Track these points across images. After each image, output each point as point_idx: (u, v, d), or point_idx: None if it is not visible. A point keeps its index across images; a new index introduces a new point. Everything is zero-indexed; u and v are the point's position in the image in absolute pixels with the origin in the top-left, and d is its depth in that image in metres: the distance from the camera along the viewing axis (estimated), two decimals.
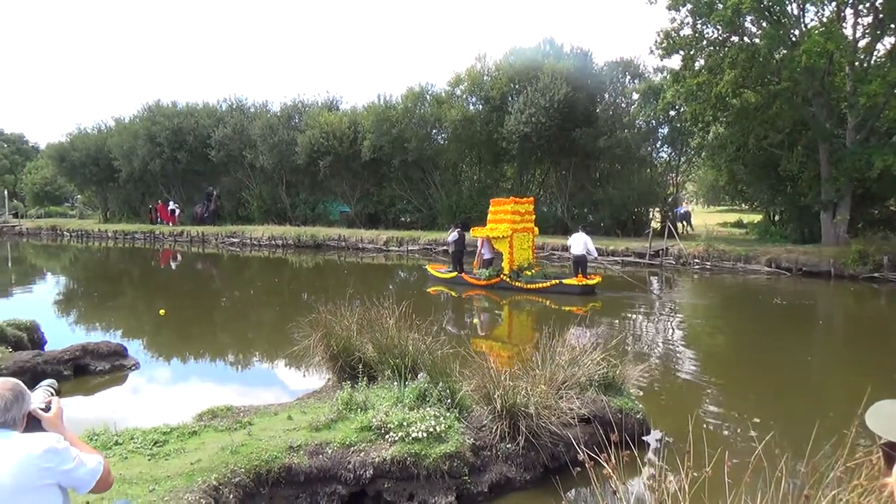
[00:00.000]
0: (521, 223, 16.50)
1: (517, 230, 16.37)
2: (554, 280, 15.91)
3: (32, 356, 8.40)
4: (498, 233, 16.31)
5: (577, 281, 15.50)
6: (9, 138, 76.13)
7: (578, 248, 15.89)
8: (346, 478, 4.75)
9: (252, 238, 32.24)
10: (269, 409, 6.07)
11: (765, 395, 7.97)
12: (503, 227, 16.24)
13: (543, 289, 15.72)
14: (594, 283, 15.75)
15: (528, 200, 17.47)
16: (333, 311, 7.20)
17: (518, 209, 16.46)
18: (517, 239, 16.36)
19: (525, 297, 15.73)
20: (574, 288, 15.40)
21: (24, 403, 2.53)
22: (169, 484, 4.36)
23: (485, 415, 5.24)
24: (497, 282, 16.43)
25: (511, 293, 16.03)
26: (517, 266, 16.30)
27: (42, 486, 2.38)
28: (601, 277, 16.48)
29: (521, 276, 16.14)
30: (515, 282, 16.08)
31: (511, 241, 16.16)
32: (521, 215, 16.50)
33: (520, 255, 16.51)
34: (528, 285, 15.90)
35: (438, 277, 17.80)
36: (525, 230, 16.75)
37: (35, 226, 44.97)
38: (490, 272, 16.63)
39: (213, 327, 13.65)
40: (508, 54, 31.12)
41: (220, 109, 39.55)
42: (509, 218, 16.17)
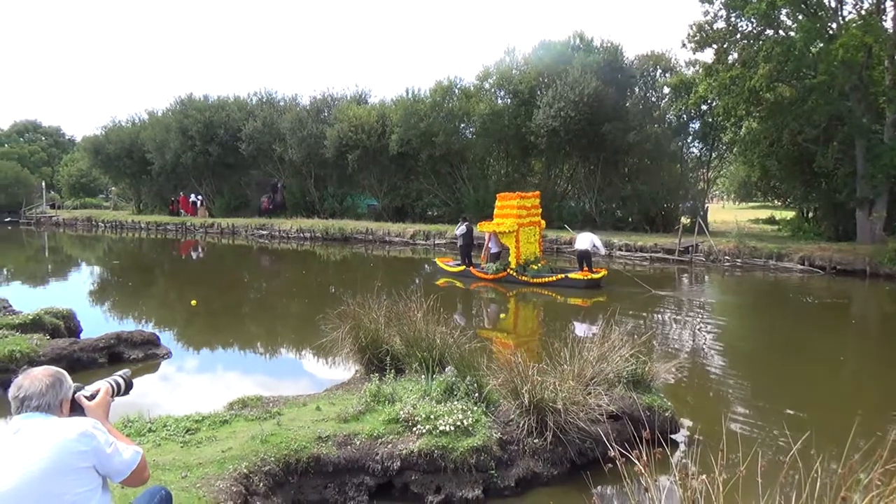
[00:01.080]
0: (527, 217, 16.60)
1: (523, 224, 16.45)
2: (560, 274, 16.00)
3: (69, 344, 8.61)
4: (504, 227, 16.39)
5: (582, 275, 15.60)
6: (46, 131, 78.01)
7: (583, 244, 16.07)
8: (373, 469, 4.79)
9: (281, 230, 32.58)
10: (298, 400, 6.14)
11: (797, 394, 7.83)
12: (509, 221, 16.34)
13: (549, 282, 15.84)
14: (599, 277, 15.79)
15: (535, 195, 17.52)
16: (362, 303, 7.25)
17: (524, 203, 16.54)
18: (523, 233, 16.47)
19: (532, 291, 15.82)
20: (580, 282, 15.50)
21: (61, 390, 2.60)
22: (201, 471, 4.44)
23: (512, 409, 5.24)
24: (504, 276, 16.54)
25: (518, 287, 16.13)
26: (524, 260, 16.42)
27: (79, 469, 2.44)
28: (606, 271, 16.57)
29: (527, 270, 16.23)
30: (522, 276, 16.17)
31: (517, 236, 16.26)
32: (527, 209, 16.60)
33: (526, 249, 16.59)
34: (535, 279, 16.01)
35: (447, 270, 17.98)
36: (532, 224, 16.84)
37: (71, 217, 45.99)
38: (497, 266, 16.74)
39: (242, 318, 13.84)
40: (537, 48, 30.90)
41: (251, 103, 39.97)
42: (515, 213, 16.26)
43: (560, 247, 24.70)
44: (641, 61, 29.32)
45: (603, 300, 14.63)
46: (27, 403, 2.51)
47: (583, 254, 16.04)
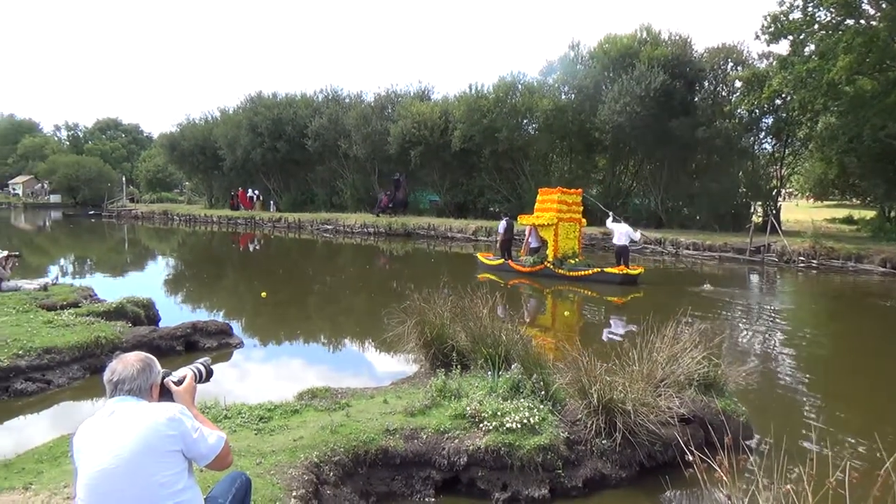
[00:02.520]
0: (567, 213, 16.84)
1: (563, 219, 16.71)
2: (596, 268, 16.14)
3: (149, 331, 9.03)
4: (543, 220, 16.75)
5: (617, 270, 15.71)
6: (126, 128, 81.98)
7: (621, 239, 16.24)
8: (440, 463, 4.83)
9: (345, 225, 33.19)
10: (365, 392, 6.25)
11: (878, 404, 7.45)
12: (548, 215, 16.68)
13: (585, 277, 16.01)
14: (636, 273, 15.85)
15: (577, 191, 17.72)
16: (427, 298, 7.30)
17: (565, 199, 16.82)
18: (563, 228, 16.72)
19: (567, 286, 15.98)
20: (615, 277, 15.62)
21: (151, 375, 2.72)
22: (274, 458, 4.58)
23: (579, 409, 5.17)
24: (541, 269, 16.77)
25: (554, 281, 16.34)
26: (561, 254, 16.60)
27: (167, 452, 2.56)
28: (644, 269, 16.58)
29: (564, 264, 16.42)
30: (559, 269, 16.38)
31: (556, 230, 16.53)
32: (567, 205, 16.84)
33: (565, 244, 16.79)
34: (571, 273, 16.21)
35: (486, 264, 18.32)
36: (572, 220, 17.04)
37: (148, 210, 48.11)
38: (535, 260, 17.01)
39: (308, 310, 14.17)
40: (603, 42, 30.36)
41: (317, 100, 40.87)
42: (555, 207, 16.55)
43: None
44: (711, 54, 28.39)
45: (640, 296, 14.69)
46: (120, 387, 2.64)
47: (621, 249, 16.23)
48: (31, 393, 7.31)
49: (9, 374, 7.26)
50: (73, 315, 9.40)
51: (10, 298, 10.55)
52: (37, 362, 7.55)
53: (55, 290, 11.81)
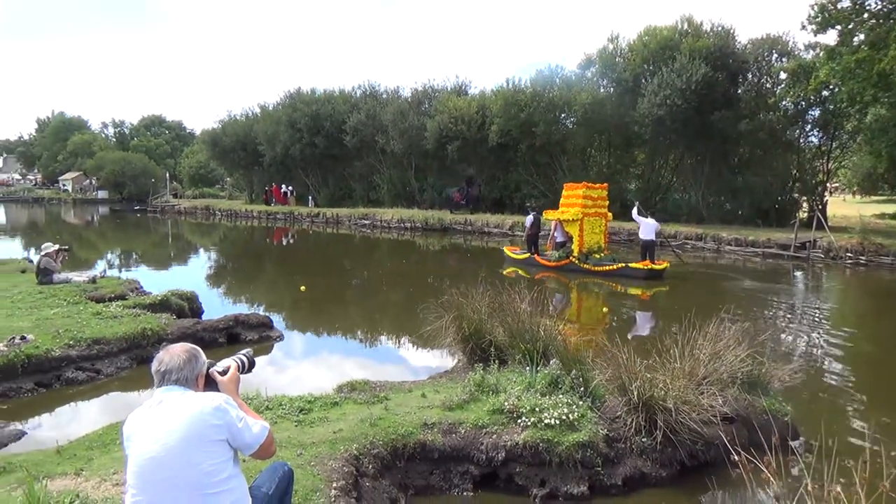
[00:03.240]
0: (592, 207, 16.91)
1: (588, 214, 16.78)
2: (620, 263, 16.16)
3: (193, 323, 9.25)
4: (568, 216, 16.90)
5: (642, 265, 15.68)
6: (170, 125, 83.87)
7: (648, 234, 16.12)
8: (478, 458, 4.83)
9: (382, 220, 33.38)
10: (403, 386, 6.29)
11: None
12: (573, 210, 16.81)
13: (610, 271, 16.03)
14: (661, 268, 15.78)
15: (602, 186, 17.73)
16: (465, 293, 7.31)
17: (590, 194, 16.92)
18: (588, 223, 16.79)
19: (592, 280, 16.04)
20: (640, 272, 15.60)
21: (197, 365, 2.78)
22: (314, 450, 4.64)
23: (619, 406, 5.12)
24: (566, 263, 16.86)
25: (580, 275, 16.42)
26: (587, 249, 16.69)
27: (213, 441, 2.61)
28: (669, 263, 16.45)
29: (589, 258, 16.53)
30: (584, 264, 16.47)
31: (581, 225, 16.65)
32: (593, 200, 16.93)
33: (590, 239, 16.85)
34: (596, 268, 16.28)
35: (513, 258, 18.54)
36: (597, 215, 17.10)
37: (191, 205, 49.18)
38: (560, 254, 17.10)
39: (346, 304, 14.30)
40: (643, 34, 29.86)
41: (355, 96, 41.16)
42: (580, 202, 16.68)
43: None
44: (755, 45, 27.64)
45: (666, 290, 14.70)
46: (168, 377, 2.70)
47: (647, 244, 16.14)
48: (81, 382, 7.56)
49: (61, 363, 7.52)
50: (121, 307, 9.69)
51: (61, 290, 10.92)
52: (86, 352, 7.80)
53: (103, 282, 12.19)
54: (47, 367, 7.42)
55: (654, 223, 16.44)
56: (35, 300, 10.20)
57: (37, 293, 10.79)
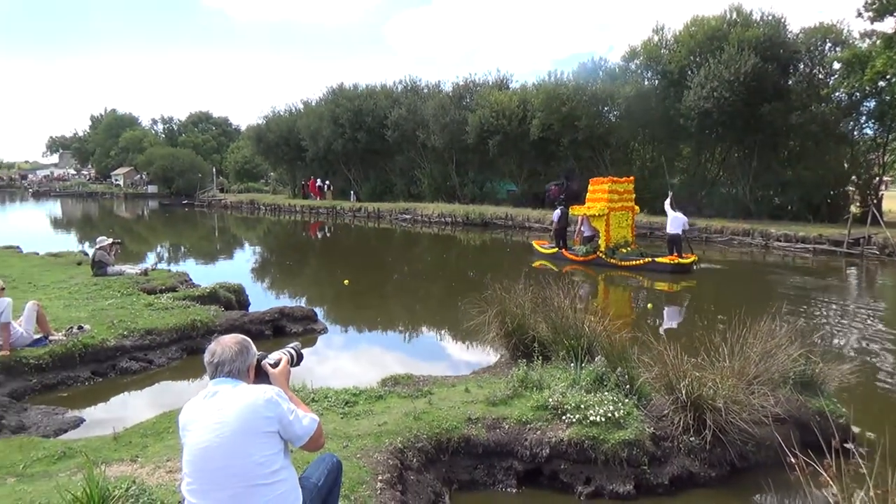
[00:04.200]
0: (618, 202, 16.96)
1: (614, 209, 16.84)
2: (647, 258, 16.09)
3: (240, 315, 9.47)
4: (594, 211, 16.95)
5: (669, 260, 15.63)
6: (216, 121, 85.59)
7: (675, 228, 16.04)
8: (522, 454, 4.82)
9: (423, 215, 33.46)
10: (446, 381, 6.31)
11: None
12: (599, 205, 16.87)
13: (637, 266, 16.02)
14: (689, 262, 15.69)
15: (628, 180, 17.74)
16: (507, 288, 7.29)
17: (616, 188, 16.95)
18: (614, 217, 16.86)
19: (619, 274, 16.05)
20: (667, 266, 15.53)
21: (248, 357, 2.82)
22: (360, 442, 4.70)
23: (666, 404, 5.03)
24: (594, 258, 16.93)
25: (607, 268, 16.48)
26: (613, 244, 16.73)
27: (264, 433, 2.66)
28: (696, 257, 16.29)
29: (616, 253, 16.56)
30: (610, 258, 16.52)
31: (608, 219, 16.72)
32: (619, 194, 16.96)
33: (617, 233, 16.92)
34: (623, 262, 16.29)
35: (542, 252, 18.71)
36: (624, 209, 17.13)
37: (236, 200, 50.15)
38: (587, 249, 17.17)
39: (387, 298, 14.41)
40: (689, 25, 29.14)
41: (396, 91, 41.28)
42: (606, 197, 16.72)
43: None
44: (807, 35, 26.68)
45: (692, 285, 14.65)
46: (220, 369, 2.75)
47: (673, 238, 16.06)
48: (134, 371, 7.82)
49: (115, 353, 7.79)
50: (171, 299, 9.98)
51: (115, 282, 11.30)
52: (140, 342, 8.06)
53: (154, 274, 12.56)
54: (103, 357, 7.69)
55: (683, 217, 16.25)
56: (90, 291, 10.58)
57: (92, 285, 11.18)
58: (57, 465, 4.59)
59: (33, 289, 11.01)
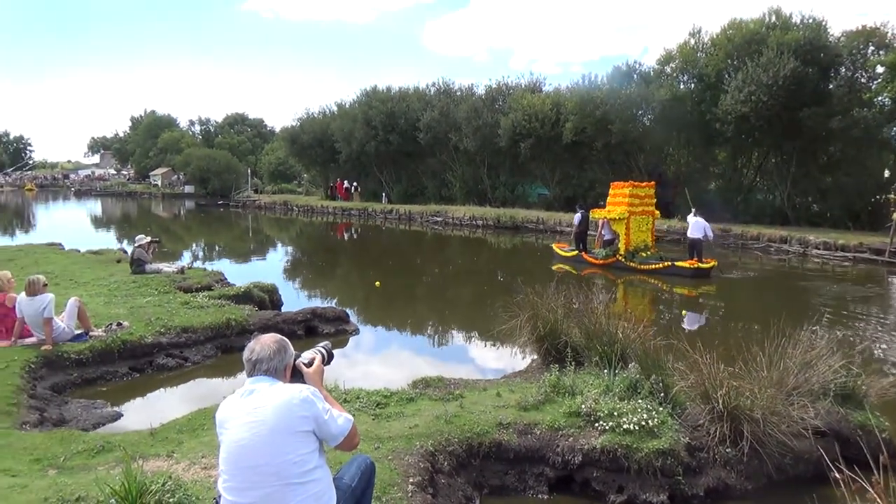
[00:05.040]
0: (639, 206, 17.00)
1: (634, 213, 16.88)
2: (667, 262, 16.12)
3: (273, 315, 9.58)
4: (614, 214, 17.04)
5: (689, 264, 15.64)
6: (252, 123, 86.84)
7: (695, 233, 16.07)
8: (554, 461, 4.78)
9: (454, 218, 33.46)
10: (478, 384, 6.30)
11: None
12: (620, 209, 16.95)
13: (656, 270, 16.05)
14: (708, 266, 15.69)
15: (649, 184, 17.85)
16: (539, 293, 7.25)
17: (637, 192, 17.02)
18: (634, 221, 16.89)
19: (639, 278, 16.07)
20: (686, 270, 15.56)
21: (285, 356, 2.85)
22: (391, 444, 4.71)
23: (702, 414, 4.94)
24: (613, 261, 17.02)
25: (626, 272, 16.51)
26: (633, 247, 16.77)
27: (300, 433, 2.68)
28: (716, 262, 16.18)
29: (635, 256, 16.59)
30: (630, 262, 16.55)
31: (628, 223, 16.75)
32: (639, 198, 17.01)
33: (637, 237, 16.93)
34: (642, 266, 16.33)
35: (561, 255, 18.82)
36: (644, 213, 17.17)
37: (270, 201, 50.73)
38: (607, 252, 17.28)
39: (418, 300, 14.45)
40: (726, 28, 28.68)
41: (429, 94, 41.39)
42: (626, 201, 16.79)
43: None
44: (849, 38, 26.02)
45: (712, 290, 14.67)
46: (258, 367, 2.78)
47: (694, 242, 16.10)
48: (170, 368, 7.96)
49: (152, 349, 7.94)
50: (207, 297, 10.15)
51: (152, 280, 11.53)
52: (176, 340, 8.21)
53: (190, 273, 12.79)
54: (140, 353, 7.85)
55: (704, 223, 16.22)
56: (129, 289, 10.82)
57: (130, 282, 11.43)
58: (96, 459, 4.68)
59: (74, 285, 11.30)
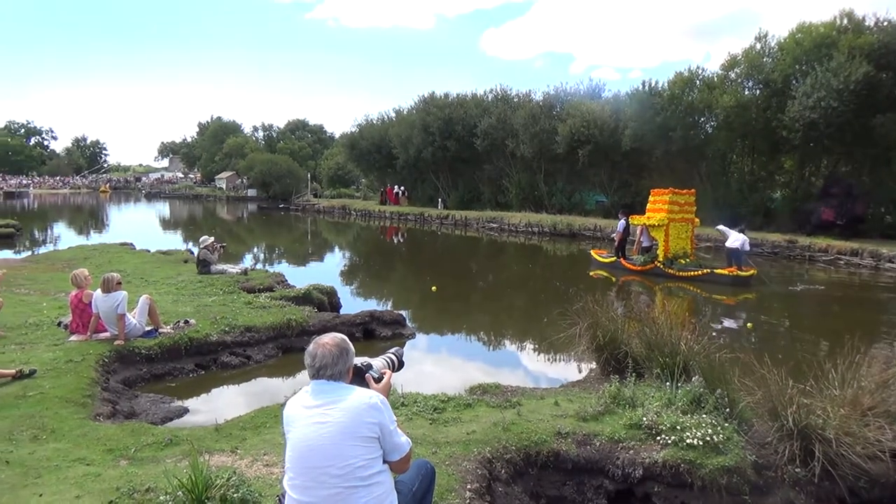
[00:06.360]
0: (679, 213, 16.90)
1: (674, 220, 16.82)
2: (706, 269, 16.13)
3: (332, 317, 9.75)
4: (653, 221, 17.01)
5: (728, 271, 15.65)
6: (312, 129, 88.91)
7: (734, 242, 16.09)
8: (613, 473, 4.69)
9: (510, 224, 33.33)
10: (535, 392, 6.25)
11: None
12: (659, 216, 16.91)
13: (695, 277, 16.01)
14: (747, 275, 15.60)
15: (689, 192, 17.66)
16: (599, 301, 7.14)
17: (677, 199, 16.89)
18: (674, 228, 16.83)
19: (677, 285, 15.96)
20: (725, 278, 15.54)
21: (347, 359, 2.86)
22: (448, 450, 4.71)
23: (770, 432, 4.77)
24: (651, 268, 16.96)
25: (665, 279, 16.45)
26: (672, 254, 16.69)
27: (366, 438, 2.70)
28: (756, 270, 16.01)
29: (674, 263, 16.54)
30: (668, 269, 16.49)
31: (667, 230, 16.68)
32: (679, 206, 16.89)
33: (676, 244, 16.84)
34: (681, 273, 16.28)
35: (600, 261, 18.89)
36: (684, 220, 17.06)
37: (329, 205, 51.71)
38: (645, 259, 17.27)
39: (473, 306, 14.44)
40: (794, 32, 27.67)
41: (487, 100, 41.46)
42: (666, 207, 16.71)
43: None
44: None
45: (752, 297, 14.62)
46: (322, 372, 2.79)
47: (733, 252, 16.08)
48: (233, 366, 8.20)
49: (217, 347, 8.20)
50: (269, 298, 10.42)
51: (217, 280, 11.92)
52: (239, 339, 8.46)
53: (253, 274, 13.16)
54: (206, 351, 8.12)
55: (743, 237, 16.23)
56: (195, 288, 11.21)
57: (197, 282, 11.85)
58: (164, 452, 4.86)
59: (145, 284, 11.79)
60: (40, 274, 13.34)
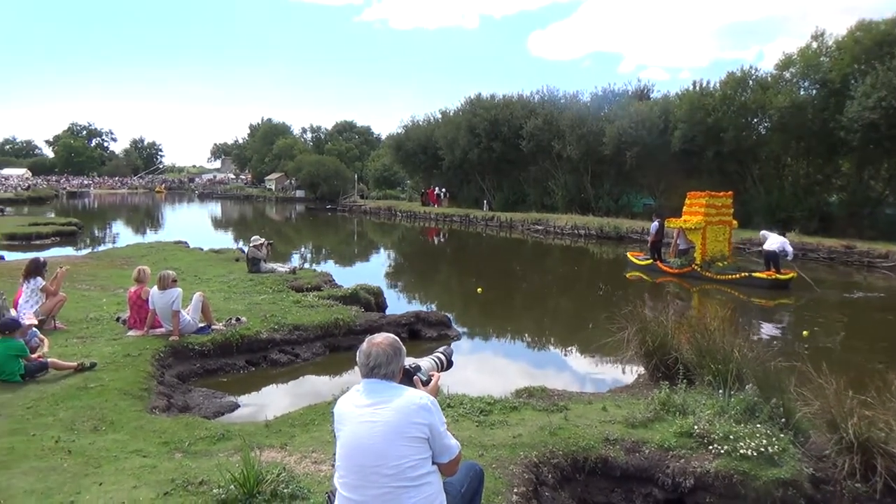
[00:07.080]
0: (716, 216, 16.79)
1: (711, 222, 16.69)
2: (744, 272, 15.88)
3: (378, 317, 9.85)
4: (690, 224, 16.85)
5: (767, 275, 15.34)
6: (359, 130, 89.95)
7: (772, 245, 15.70)
8: (663, 482, 4.60)
9: (555, 226, 33.03)
10: (582, 397, 6.18)
11: None
12: (696, 219, 16.77)
13: (733, 280, 15.79)
14: (787, 278, 15.30)
15: (727, 194, 17.56)
16: (649, 305, 7.03)
17: (714, 202, 16.83)
18: (711, 231, 16.70)
19: (714, 287, 15.74)
20: (764, 281, 15.30)
21: (400, 359, 2.88)
22: (495, 452, 4.69)
23: (828, 444, 4.60)
24: (688, 271, 16.84)
25: (701, 281, 16.27)
26: (709, 257, 16.55)
27: (415, 438, 2.72)
28: (796, 274, 15.54)
29: (711, 266, 16.35)
30: (706, 272, 16.32)
31: (704, 233, 16.54)
32: (716, 208, 16.82)
33: (713, 247, 16.69)
34: (718, 276, 16.05)
35: (636, 264, 18.75)
36: (721, 223, 16.93)
37: (375, 206, 52.22)
38: (682, 261, 17.16)
39: (518, 309, 14.34)
40: (854, 30, 26.62)
41: (533, 101, 41.19)
42: (703, 210, 16.61)
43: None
44: None
45: (790, 302, 14.36)
46: (376, 371, 2.82)
47: (770, 255, 15.67)
48: (283, 364, 8.35)
49: (267, 344, 8.37)
50: (317, 297, 10.58)
51: (267, 279, 12.17)
52: (288, 337, 8.61)
53: (301, 274, 13.40)
54: (256, 348, 8.30)
55: (783, 239, 15.85)
56: (246, 286, 11.47)
57: (247, 280, 12.12)
58: (217, 445, 4.98)
59: (198, 281, 12.12)
60: (100, 270, 13.86)
